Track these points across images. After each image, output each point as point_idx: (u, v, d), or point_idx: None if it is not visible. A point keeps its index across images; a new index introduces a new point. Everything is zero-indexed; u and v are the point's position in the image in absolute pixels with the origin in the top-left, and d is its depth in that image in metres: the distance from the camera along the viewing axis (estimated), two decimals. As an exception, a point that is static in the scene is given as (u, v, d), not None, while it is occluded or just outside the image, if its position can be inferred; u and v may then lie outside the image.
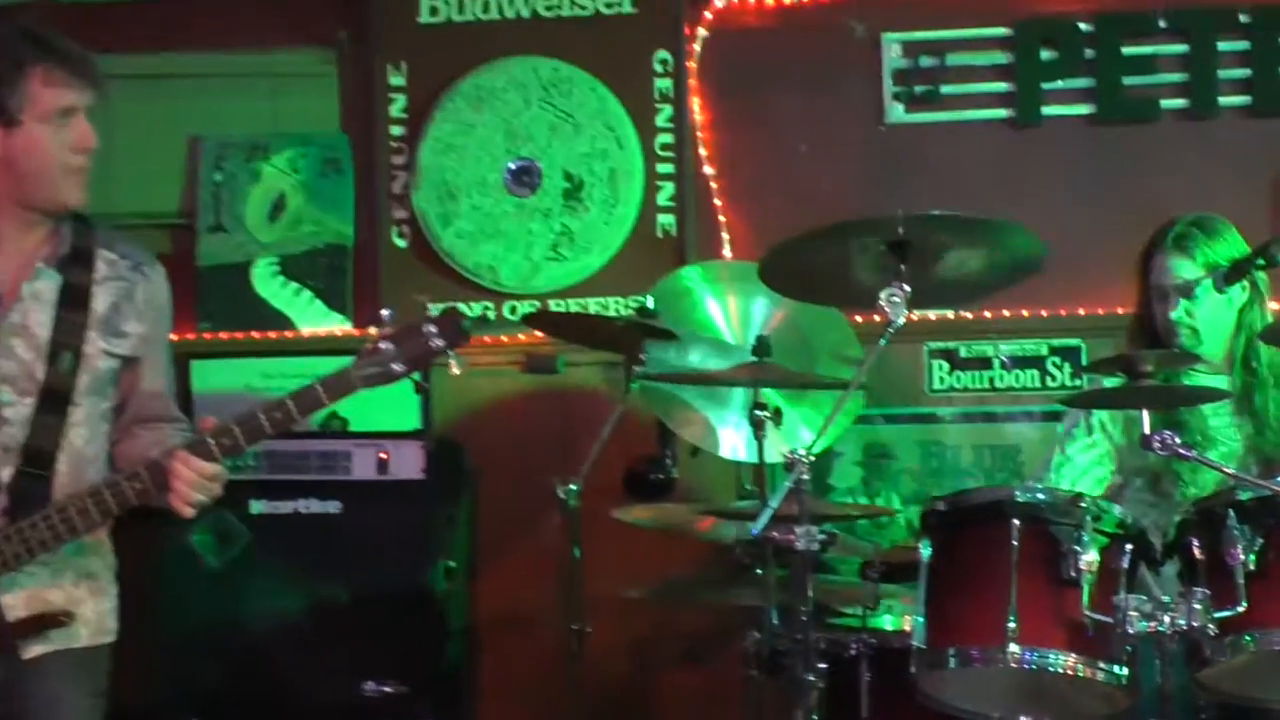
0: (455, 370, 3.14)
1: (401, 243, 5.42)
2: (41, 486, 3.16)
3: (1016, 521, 3.30)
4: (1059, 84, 5.20)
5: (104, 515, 3.12)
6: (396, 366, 3.10)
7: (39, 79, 3.19)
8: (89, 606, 3.27)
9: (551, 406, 5.34)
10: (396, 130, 5.46)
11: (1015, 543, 3.28)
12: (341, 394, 3.10)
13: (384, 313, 3.16)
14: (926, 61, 5.23)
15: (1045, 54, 5.20)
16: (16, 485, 3.15)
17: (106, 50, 5.36)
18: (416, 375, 3.13)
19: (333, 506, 4.86)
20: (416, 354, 3.11)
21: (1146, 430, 3.36)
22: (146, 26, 5.53)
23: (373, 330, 5.17)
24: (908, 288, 3.30)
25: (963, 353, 5.24)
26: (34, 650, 3.17)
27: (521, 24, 5.39)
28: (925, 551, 3.42)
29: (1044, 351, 5.19)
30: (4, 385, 3.19)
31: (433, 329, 3.11)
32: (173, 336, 5.19)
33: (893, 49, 5.26)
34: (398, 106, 5.46)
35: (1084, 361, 5.10)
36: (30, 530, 3.09)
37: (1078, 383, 5.08)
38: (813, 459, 3.27)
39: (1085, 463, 4.16)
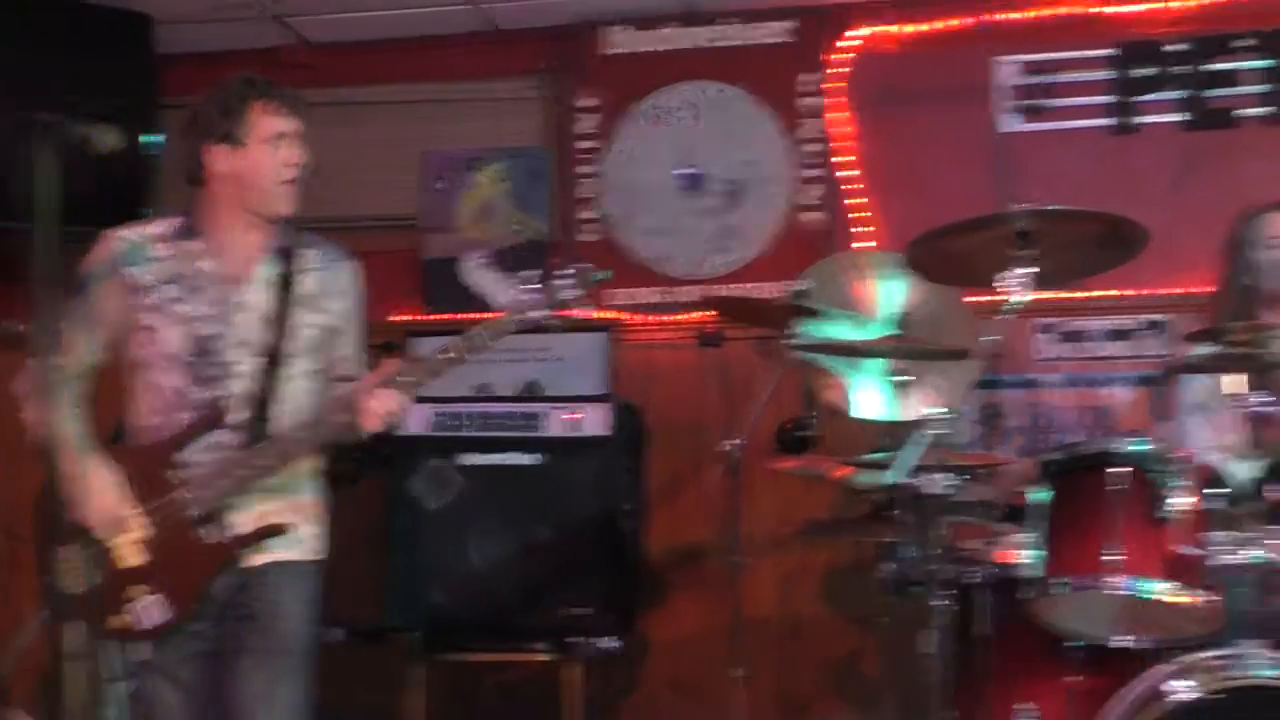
0: (590, 313, 3.26)
1: (590, 238, 5.47)
2: (265, 426, 3.26)
3: (1120, 469, 3.27)
4: (1153, 96, 5.12)
5: (312, 444, 3.25)
6: (537, 313, 3.21)
7: (258, 110, 3.29)
8: (302, 530, 3.35)
9: (716, 375, 5.33)
10: (587, 145, 5.50)
11: (1118, 488, 3.26)
12: (500, 335, 3.23)
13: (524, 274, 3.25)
14: (1037, 79, 5.16)
15: (1141, 71, 5.13)
16: (248, 425, 3.27)
17: (355, 83, 5.60)
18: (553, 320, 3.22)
19: (532, 459, 4.90)
20: (554, 302, 3.22)
21: (1241, 390, 3.31)
22: (388, 63, 5.65)
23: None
24: (1028, 269, 3.25)
25: (1065, 327, 5.17)
26: (255, 560, 3.27)
27: (691, 53, 5.41)
28: (1043, 495, 3.39)
29: (1136, 325, 5.10)
30: (238, 348, 3.30)
31: (567, 282, 3.21)
32: (401, 316, 5.40)
33: (1007, 68, 5.20)
34: (588, 125, 5.51)
35: (1168, 334, 5.00)
36: (257, 457, 3.21)
37: (1164, 353, 4.96)
38: (945, 417, 3.24)
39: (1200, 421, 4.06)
